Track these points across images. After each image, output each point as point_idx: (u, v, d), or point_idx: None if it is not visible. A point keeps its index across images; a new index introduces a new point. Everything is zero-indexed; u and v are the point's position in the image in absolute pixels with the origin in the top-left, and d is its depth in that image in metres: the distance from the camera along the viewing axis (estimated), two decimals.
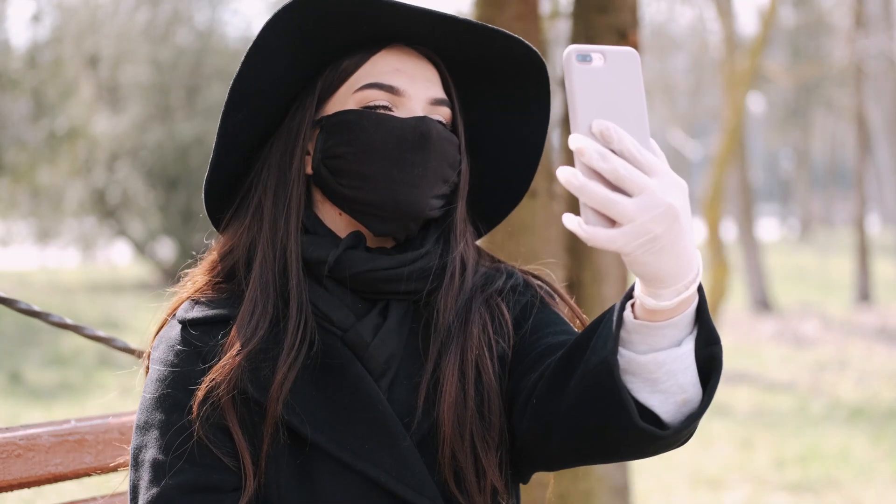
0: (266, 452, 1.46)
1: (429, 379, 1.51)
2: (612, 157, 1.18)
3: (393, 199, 1.49)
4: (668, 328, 1.29)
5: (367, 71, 1.52)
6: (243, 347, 1.46)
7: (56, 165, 17.02)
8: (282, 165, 1.54)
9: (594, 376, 1.32)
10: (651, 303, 1.26)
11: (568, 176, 1.19)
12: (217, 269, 1.57)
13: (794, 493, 6.18)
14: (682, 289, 1.25)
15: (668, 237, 1.20)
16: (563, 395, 1.39)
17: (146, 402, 1.50)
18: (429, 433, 1.50)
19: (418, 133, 1.49)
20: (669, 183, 1.20)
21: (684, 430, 1.31)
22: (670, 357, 1.29)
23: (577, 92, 1.20)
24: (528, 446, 1.51)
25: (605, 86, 1.21)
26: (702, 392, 1.32)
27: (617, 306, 1.33)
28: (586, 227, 1.20)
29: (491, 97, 1.62)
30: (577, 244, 3.24)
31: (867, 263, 16.22)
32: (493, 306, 1.58)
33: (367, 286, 1.52)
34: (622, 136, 1.19)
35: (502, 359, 1.56)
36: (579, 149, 1.18)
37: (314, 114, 1.54)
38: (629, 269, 1.25)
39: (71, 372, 9.88)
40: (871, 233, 22.03)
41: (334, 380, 1.49)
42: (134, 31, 18.38)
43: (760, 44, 10.06)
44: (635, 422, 1.29)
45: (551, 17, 3.82)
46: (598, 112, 1.20)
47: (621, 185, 1.18)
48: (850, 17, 16.87)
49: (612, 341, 1.29)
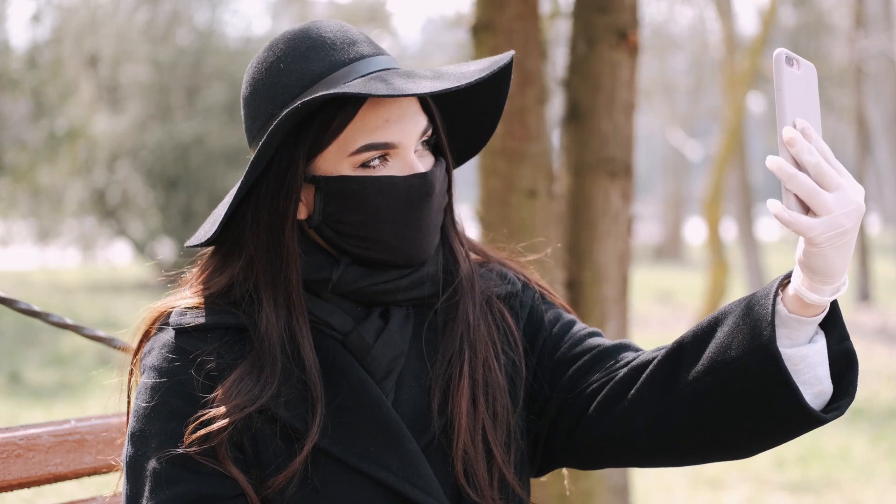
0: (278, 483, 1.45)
1: (443, 377, 1.53)
2: (817, 152, 1.32)
3: (405, 255, 1.51)
4: (811, 324, 1.39)
5: (357, 127, 1.48)
6: (244, 407, 1.44)
7: (56, 165, 17.01)
8: (273, 225, 1.51)
9: (746, 366, 1.39)
10: (814, 297, 1.36)
11: (780, 163, 1.31)
12: (202, 300, 1.54)
13: (794, 493, 6.18)
14: (837, 287, 1.37)
15: (852, 234, 1.33)
16: (676, 391, 1.45)
17: (141, 410, 1.48)
18: (443, 431, 1.51)
19: (423, 193, 1.50)
20: (855, 185, 1.33)
21: (839, 417, 1.41)
22: (811, 350, 1.39)
23: (786, 90, 1.33)
24: (595, 446, 1.55)
25: (802, 90, 1.35)
26: (832, 386, 1.41)
27: (760, 300, 1.40)
28: (790, 212, 1.31)
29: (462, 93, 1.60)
30: (577, 244, 3.24)
31: (867, 263, 16.21)
32: (496, 311, 1.61)
33: (366, 298, 1.53)
34: (818, 137, 1.33)
35: (511, 364, 1.59)
36: (791, 140, 1.31)
37: (305, 170, 1.50)
38: (806, 261, 1.34)
39: (71, 372, 9.88)
40: (871, 233, 22.01)
41: (337, 384, 1.49)
42: (134, 31, 18.38)
43: (760, 44, 10.06)
44: (803, 405, 1.37)
45: (551, 17, 3.83)
46: (798, 112, 1.34)
47: (821, 178, 1.31)
48: (850, 17, 16.87)
49: (770, 330, 1.37)
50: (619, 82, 3.19)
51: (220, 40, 19.11)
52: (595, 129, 3.20)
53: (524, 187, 3.07)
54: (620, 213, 3.23)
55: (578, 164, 3.22)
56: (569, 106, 3.25)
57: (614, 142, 3.20)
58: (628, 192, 3.25)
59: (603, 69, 3.18)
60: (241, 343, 1.50)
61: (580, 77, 3.22)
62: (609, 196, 3.21)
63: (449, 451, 1.51)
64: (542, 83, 3.14)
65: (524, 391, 1.60)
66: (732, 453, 1.49)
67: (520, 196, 3.08)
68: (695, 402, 1.44)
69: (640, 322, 12.98)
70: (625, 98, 3.20)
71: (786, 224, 1.31)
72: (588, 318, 3.18)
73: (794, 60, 1.34)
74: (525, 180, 3.07)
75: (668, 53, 24.55)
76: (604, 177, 3.20)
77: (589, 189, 3.21)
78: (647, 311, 14.61)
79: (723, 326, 1.43)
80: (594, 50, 3.19)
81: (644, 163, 38.86)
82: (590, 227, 3.22)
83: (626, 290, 3.28)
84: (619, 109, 3.20)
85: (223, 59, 18.09)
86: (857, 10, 16.27)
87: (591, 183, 3.21)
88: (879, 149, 29.03)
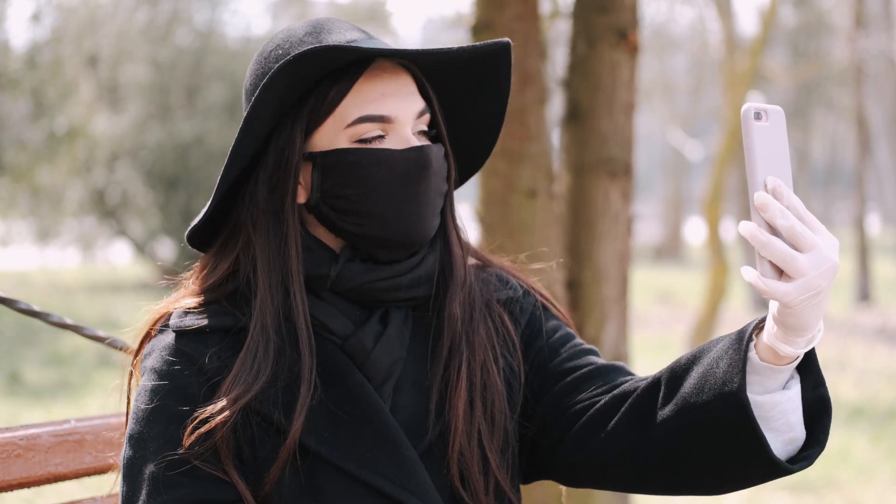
0: (274, 476, 1.45)
1: (440, 381, 1.52)
2: (790, 214, 1.28)
3: (402, 231, 1.50)
4: (785, 371, 1.37)
5: (353, 101, 1.49)
6: (241, 398, 1.44)
7: (56, 165, 17.01)
8: (273, 203, 1.51)
9: (716, 411, 1.37)
10: (787, 350, 1.34)
11: (753, 231, 1.28)
12: (201, 300, 1.54)
13: (794, 493, 6.18)
14: (812, 338, 1.34)
15: (826, 292, 1.30)
16: (651, 428, 1.44)
17: (140, 412, 1.47)
18: (440, 435, 1.51)
19: (420, 166, 1.50)
20: (829, 240, 1.31)
21: (807, 467, 1.40)
22: (784, 398, 1.37)
23: (756, 149, 1.30)
24: (573, 468, 1.55)
25: (770, 143, 1.31)
26: (804, 431, 1.40)
27: (735, 346, 1.38)
28: (765, 280, 1.29)
29: (459, 84, 1.61)
30: (577, 244, 3.24)
31: (867, 263, 16.22)
32: (496, 315, 1.60)
33: (366, 296, 1.52)
34: (790, 193, 1.30)
35: (509, 368, 1.58)
36: (763, 205, 1.28)
37: (303, 146, 1.50)
38: (780, 319, 1.32)
39: (71, 372, 9.88)
40: (871, 233, 22.02)
41: (335, 389, 1.49)
42: (134, 31, 18.38)
43: (760, 44, 10.05)
44: (771, 457, 1.36)
45: (551, 17, 3.82)
46: (769, 169, 1.30)
47: (795, 241, 1.28)
48: (850, 17, 16.87)
49: (740, 378, 1.35)
50: (619, 82, 3.18)
51: (219, 40, 19.11)
52: (595, 129, 3.19)
53: (524, 187, 3.07)
54: (620, 213, 3.23)
55: (578, 164, 3.22)
56: (569, 106, 3.25)
57: (614, 142, 3.20)
58: (628, 192, 3.24)
59: (603, 69, 3.18)
60: (241, 345, 1.50)
61: (580, 77, 3.22)
62: (609, 196, 3.20)
63: (445, 455, 1.50)
64: (542, 83, 3.14)
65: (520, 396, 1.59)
66: (703, 491, 1.48)
67: (520, 196, 3.07)
68: (667, 441, 1.43)
69: (640, 322, 12.98)
70: (625, 98, 3.20)
71: (762, 293, 1.29)
72: (588, 318, 3.18)
73: (762, 113, 1.31)
74: (525, 180, 3.07)
75: (668, 53, 24.55)
76: (604, 177, 3.19)
77: (589, 189, 3.21)
78: (647, 311, 14.61)
79: (698, 367, 1.41)
80: (594, 50, 3.19)
81: (644, 163, 38.85)
82: (590, 227, 3.22)
83: (626, 290, 3.28)
84: (619, 109, 3.19)
85: (223, 59, 18.09)
86: (857, 10, 16.27)
87: (591, 183, 3.21)
88: (879, 149, 29.02)
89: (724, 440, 1.38)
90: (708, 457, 1.41)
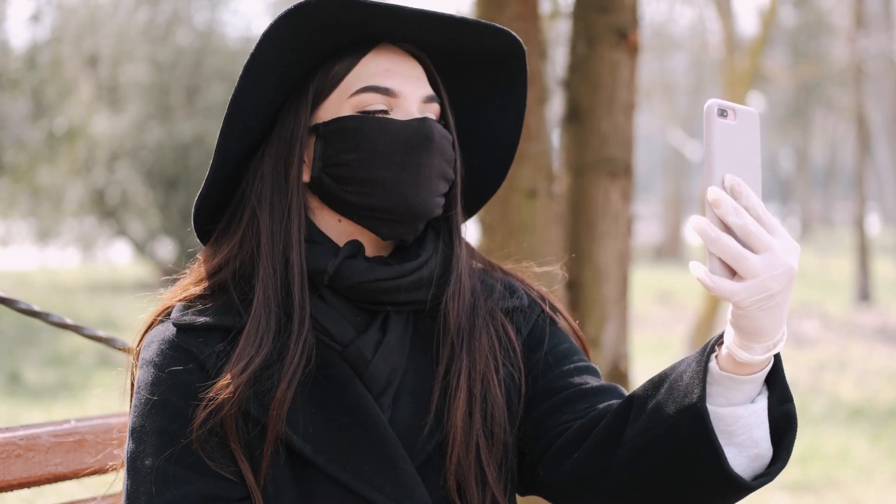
0: (265, 471, 1.44)
1: (439, 392, 1.51)
2: (744, 212, 1.25)
3: (403, 201, 1.49)
4: (749, 383, 1.33)
5: (358, 74, 1.50)
6: (246, 368, 1.43)
7: (56, 165, 17.01)
8: (277, 175, 1.51)
9: (677, 423, 1.34)
10: (744, 356, 1.30)
11: (703, 226, 1.25)
12: (206, 284, 1.54)
13: (794, 493, 6.18)
14: (771, 346, 1.30)
15: (782, 296, 1.26)
16: (620, 446, 1.41)
17: (141, 405, 1.47)
18: (438, 447, 1.50)
19: (422, 135, 1.49)
20: (788, 244, 1.26)
21: (766, 483, 1.35)
22: (748, 411, 1.34)
23: (716, 146, 1.27)
24: (552, 486, 1.52)
25: (735, 142, 1.28)
26: (772, 448, 1.36)
27: (697, 357, 1.35)
28: (712, 277, 1.25)
29: (472, 89, 1.62)
30: (578, 244, 3.24)
31: (867, 263, 16.22)
32: (499, 324, 1.58)
33: (366, 297, 1.51)
34: (750, 193, 1.26)
35: (510, 378, 1.57)
36: (716, 200, 1.25)
37: (308, 120, 1.51)
38: (735, 322, 1.29)
39: (71, 372, 9.87)
40: (871, 233, 22.02)
41: (334, 398, 1.48)
42: (133, 31, 18.36)
43: (760, 44, 10.05)
44: (726, 469, 1.32)
45: (551, 17, 3.82)
46: (729, 167, 1.27)
47: (748, 240, 1.25)
48: (850, 17, 16.86)
49: (700, 389, 1.32)
50: (619, 82, 3.18)
51: (219, 40, 19.10)
52: (595, 128, 3.19)
53: (524, 187, 3.07)
54: (620, 213, 3.23)
55: (578, 164, 3.22)
56: (569, 106, 3.25)
57: (614, 142, 3.20)
58: (628, 192, 3.24)
59: (603, 69, 3.18)
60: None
61: (580, 77, 3.22)
62: (609, 196, 3.21)
63: (443, 468, 1.49)
64: (542, 83, 3.14)
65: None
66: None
67: (520, 196, 3.07)
68: (635, 460, 1.40)
69: (640, 322, 12.98)
70: (625, 98, 3.20)
71: (709, 290, 1.26)
72: (588, 318, 3.18)
73: (729, 110, 1.28)
74: (525, 180, 3.07)
75: (668, 53, 24.54)
76: (604, 177, 3.19)
77: (589, 189, 3.21)
78: (647, 311, 14.61)
79: (667, 383, 1.39)
80: (594, 50, 3.19)
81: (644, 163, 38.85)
82: (590, 227, 3.22)
83: (626, 290, 3.28)
84: (619, 109, 3.19)
85: (223, 59, 18.08)
86: (857, 10, 16.27)
87: (591, 183, 3.21)
88: (879, 149, 29.01)
89: (685, 454, 1.34)
90: (670, 473, 1.37)
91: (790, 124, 33.39)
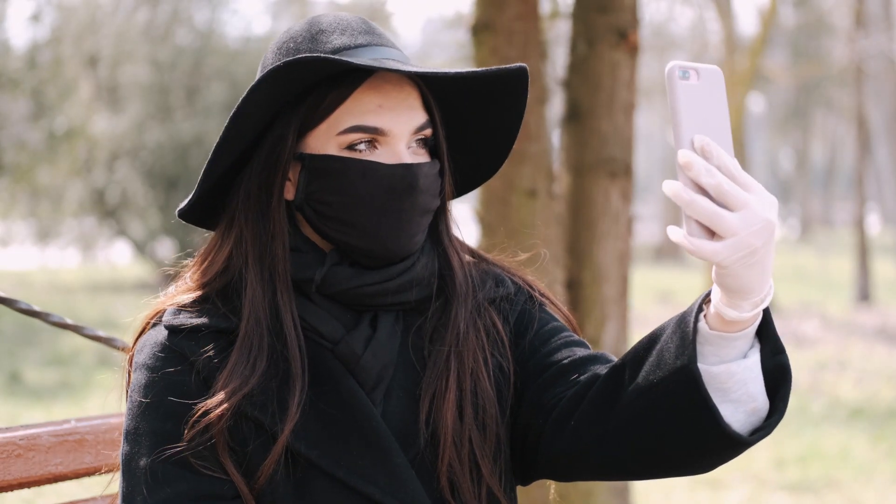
0: (267, 476, 1.45)
1: (430, 389, 1.51)
2: (717, 172, 1.24)
3: (382, 245, 1.49)
4: (740, 339, 1.33)
5: (348, 109, 1.48)
6: (238, 390, 1.44)
7: (56, 165, 17.01)
8: (262, 195, 1.51)
9: (670, 386, 1.34)
10: (732, 314, 1.30)
11: (676, 189, 1.23)
12: (197, 294, 1.55)
13: (794, 493, 6.18)
14: (759, 301, 1.30)
15: (764, 251, 1.26)
16: (616, 412, 1.41)
17: (135, 407, 1.48)
18: (430, 443, 1.50)
19: (406, 183, 1.48)
20: (765, 199, 1.26)
21: (765, 436, 1.35)
22: (740, 367, 1.33)
23: (681, 108, 1.25)
24: (555, 461, 1.52)
25: (700, 102, 1.27)
26: (769, 401, 1.36)
27: (686, 318, 1.35)
28: (691, 239, 1.24)
29: (471, 97, 1.59)
30: (577, 244, 3.24)
31: (867, 263, 16.22)
32: (486, 318, 1.58)
33: (354, 300, 1.52)
34: (721, 152, 1.25)
35: (500, 369, 1.57)
36: (687, 163, 1.23)
37: (294, 148, 1.50)
38: (719, 280, 1.29)
39: (71, 372, 9.87)
40: (871, 233, 22.03)
41: (327, 395, 1.48)
42: (133, 31, 18.36)
43: (760, 44, 10.06)
44: (724, 428, 1.32)
45: (551, 17, 3.83)
46: (697, 128, 1.26)
47: (723, 199, 1.24)
48: (850, 17, 16.87)
49: (691, 349, 1.32)
50: (619, 82, 3.19)
51: (219, 40, 19.09)
52: (595, 129, 3.20)
53: (524, 187, 3.07)
54: (620, 213, 3.23)
55: (578, 164, 3.22)
56: (569, 106, 3.25)
57: (614, 142, 3.20)
58: (628, 192, 3.25)
59: (603, 69, 3.18)
60: (234, 347, 1.49)
61: (580, 77, 3.22)
62: (609, 196, 3.21)
63: (435, 464, 1.50)
64: (542, 83, 3.14)
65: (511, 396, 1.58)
66: (680, 471, 1.45)
67: (520, 196, 3.08)
68: (632, 424, 1.40)
69: (640, 322, 12.98)
70: (625, 98, 3.20)
71: (690, 252, 1.25)
72: (588, 318, 3.18)
73: (691, 71, 1.26)
74: (525, 180, 3.07)
75: (668, 53, 24.54)
76: (604, 177, 3.20)
77: (589, 189, 3.21)
78: (647, 311, 14.61)
79: (657, 345, 1.38)
80: (594, 50, 3.19)
81: (644, 163, 38.85)
82: (590, 227, 3.22)
83: (626, 290, 3.28)
84: (619, 109, 3.20)
85: (223, 59, 18.08)
86: (857, 10, 16.27)
87: (591, 183, 3.21)
88: (879, 149, 29.03)
89: (682, 415, 1.35)
90: (668, 437, 1.38)
91: (790, 124, 33.41)
